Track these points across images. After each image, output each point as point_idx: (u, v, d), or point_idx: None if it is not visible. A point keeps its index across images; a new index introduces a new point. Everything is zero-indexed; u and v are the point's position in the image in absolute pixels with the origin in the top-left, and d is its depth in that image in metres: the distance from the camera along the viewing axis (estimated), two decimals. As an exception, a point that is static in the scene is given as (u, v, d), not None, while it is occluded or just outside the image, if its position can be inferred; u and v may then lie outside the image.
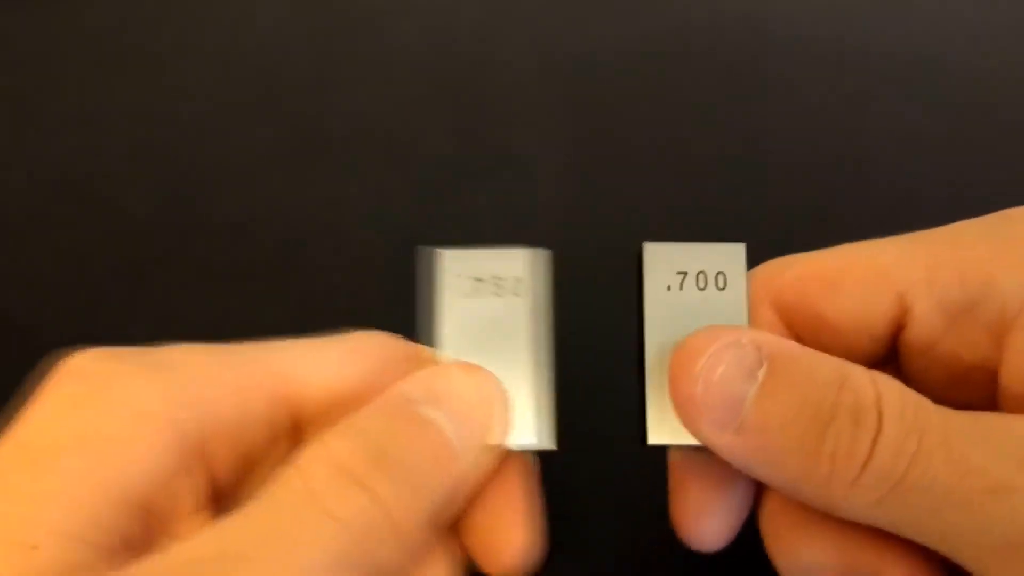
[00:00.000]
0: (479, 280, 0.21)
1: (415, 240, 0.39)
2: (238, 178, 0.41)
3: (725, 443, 0.19)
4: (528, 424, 0.20)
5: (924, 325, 0.19)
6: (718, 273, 0.21)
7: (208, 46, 0.46)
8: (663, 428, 0.20)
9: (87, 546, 0.16)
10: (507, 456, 0.21)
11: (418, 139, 0.41)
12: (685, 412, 0.19)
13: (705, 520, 0.21)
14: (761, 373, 0.18)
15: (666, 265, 0.21)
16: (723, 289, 0.21)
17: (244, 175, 0.41)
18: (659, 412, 0.20)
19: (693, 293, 0.21)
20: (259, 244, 0.38)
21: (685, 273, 0.21)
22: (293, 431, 0.21)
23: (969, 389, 0.20)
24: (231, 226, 0.39)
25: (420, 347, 0.23)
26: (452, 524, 0.20)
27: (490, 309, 0.21)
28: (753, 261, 0.21)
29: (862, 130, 0.39)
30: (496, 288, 0.21)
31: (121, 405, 0.18)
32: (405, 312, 0.36)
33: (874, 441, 0.17)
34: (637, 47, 0.43)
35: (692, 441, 0.20)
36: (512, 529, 0.20)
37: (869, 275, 0.19)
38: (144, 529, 0.18)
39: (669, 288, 0.21)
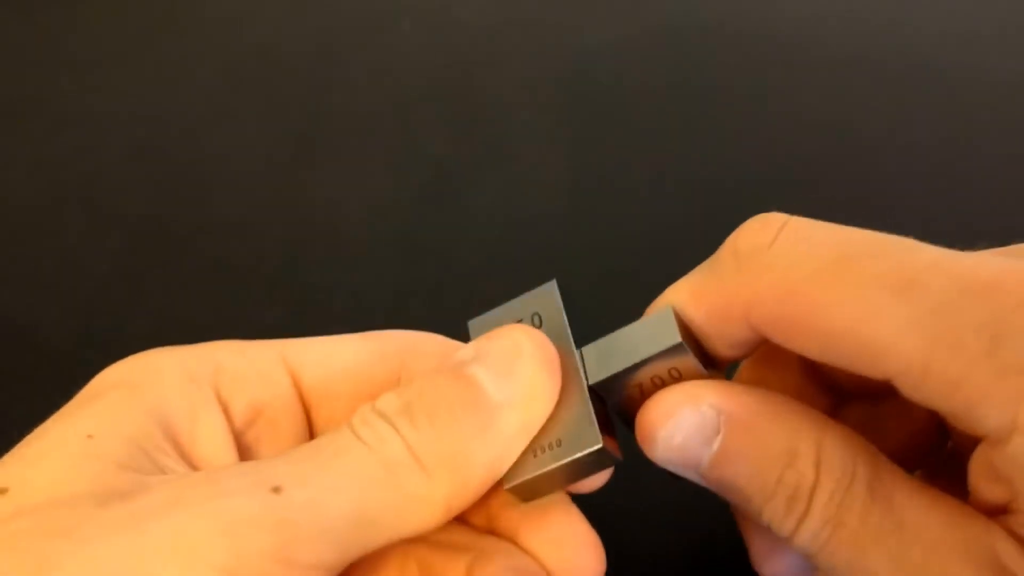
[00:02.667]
0: None
1: (415, 240, 0.39)
2: (238, 178, 0.41)
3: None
4: (587, 431, 0.21)
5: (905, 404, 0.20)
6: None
7: (208, 46, 0.46)
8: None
9: (134, 446, 0.19)
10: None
11: (418, 139, 0.41)
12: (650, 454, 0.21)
13: (776, 559, 0.23)
14: (717, 442, 0.20)
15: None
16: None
17: (244, 175, 0.41)
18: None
19: None
20: (259, 244, 0.38)
21: None
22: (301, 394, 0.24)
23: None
24: (231, 226, 0.39)
25: (449, 341, 0.24)
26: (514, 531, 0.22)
27: None
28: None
29: (864, 135, 0.39)
30: None
31: (148, 363, 0.22)
32: (405, 312, 0.36)
33: (796, 526, 0.19)
34: (637, 49, 0.43)
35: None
36: (580, 552, 0.21)
37: (860, 347, 0.18)
38: (173, 444, 0.21)
39: None
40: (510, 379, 0.20)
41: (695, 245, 0.36)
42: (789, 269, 0.19)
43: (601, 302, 0.36)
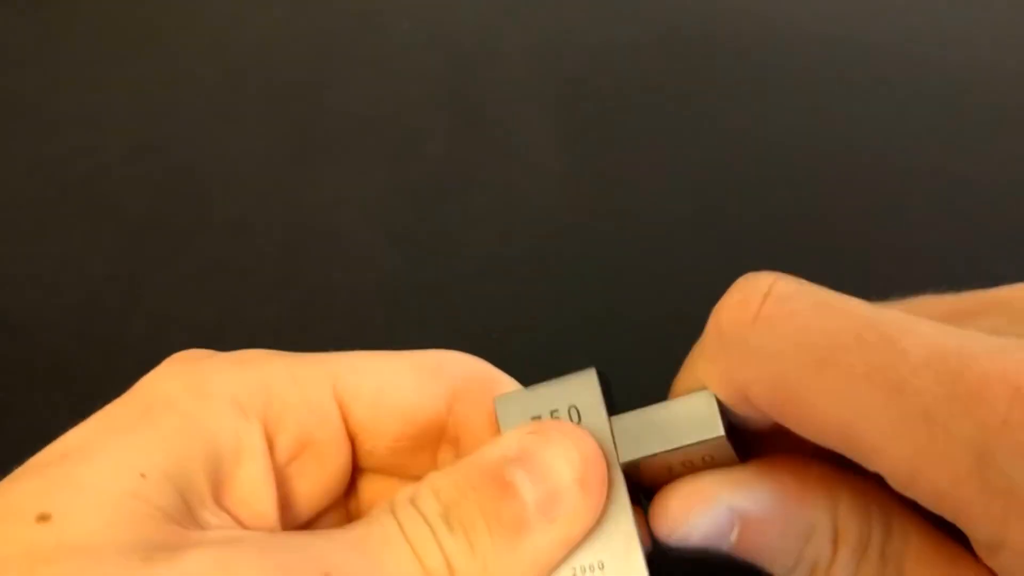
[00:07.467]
0: (537, 418, 0.21)
1: (415, 240, 0.39)
2: (238, 178, 0.41)
3: None
4: (633, 558, 0.20)
5: None
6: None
7: (208, 46, 0.46)
8: None
9: (178, 495, 0.19)
10: None
11: (418, 139, 0.41)
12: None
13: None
14: (734, 534, 0.20)
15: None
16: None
17: (244, 175, 0.41)
18: None
19: None
20: (259, 244, 0.38)
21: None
22: (346, 428, 0.23)
23: None
24: (231, 226, 0.39)
25: (492, 369, 0.24)
26: None
27: None
28: (752, 262, 0.21)
29: (862, 132, 0.39)
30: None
31: (201, 384, 0.21)
32: (405, 312, 0.36)
33: None
34: (637, 48, 0.43)
35: None
36: None
37: (849, 444, 0.18)
38: (212, 489, 0.20)
39: None
40: (554, 495, 0.20)
41: (696, 245, 0.37)
42: (775, 357, 0.18)
43: (602, 304, 0.36)
